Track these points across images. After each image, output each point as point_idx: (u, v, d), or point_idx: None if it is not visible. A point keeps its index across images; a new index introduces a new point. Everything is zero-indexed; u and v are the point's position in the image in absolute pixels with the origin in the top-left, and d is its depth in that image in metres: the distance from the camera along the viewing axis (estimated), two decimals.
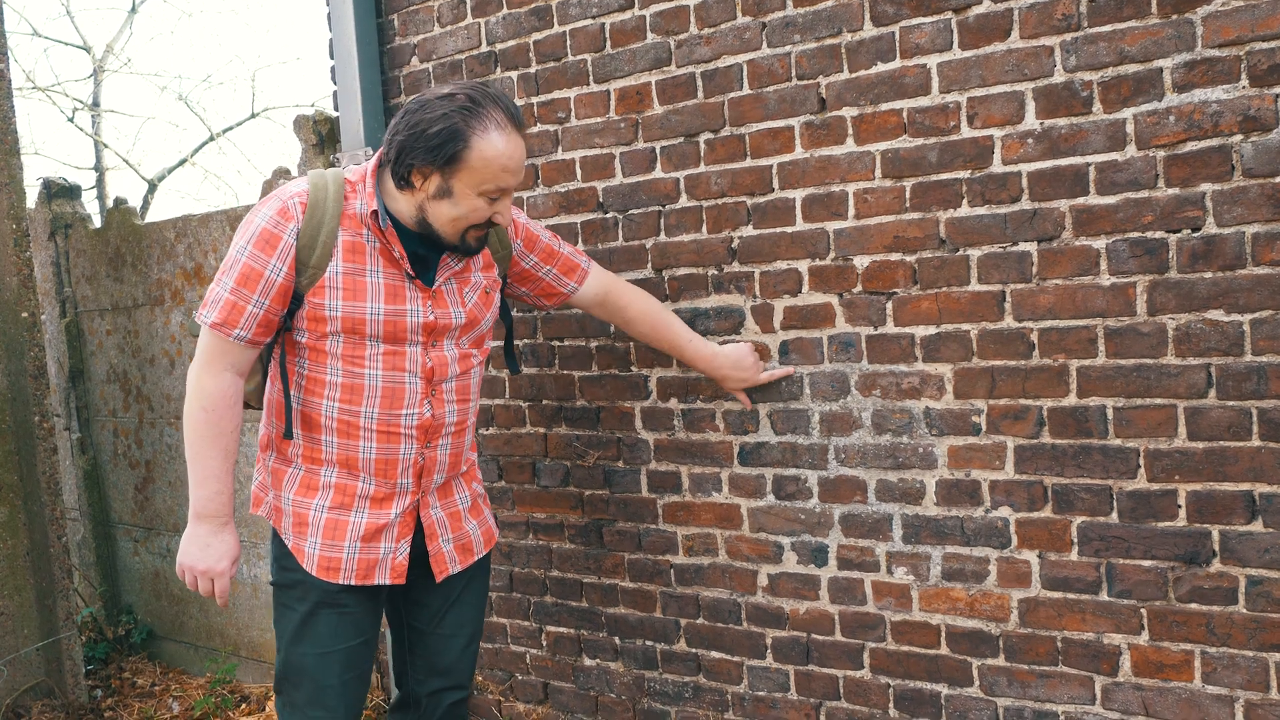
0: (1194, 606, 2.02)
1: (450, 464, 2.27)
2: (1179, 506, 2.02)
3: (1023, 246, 2.13)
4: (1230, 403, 1.96)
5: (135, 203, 12.72)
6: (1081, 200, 2.06)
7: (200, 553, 2.15)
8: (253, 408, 2.31)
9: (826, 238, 2.37)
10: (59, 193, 4.57)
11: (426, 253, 2.15)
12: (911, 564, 2.33)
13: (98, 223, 4.56)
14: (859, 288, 2.34)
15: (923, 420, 2.28)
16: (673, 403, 2.63)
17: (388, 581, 2.21)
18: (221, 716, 3.66)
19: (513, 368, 2.50)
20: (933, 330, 2.25)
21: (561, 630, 2.94)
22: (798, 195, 2.40)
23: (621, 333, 2.68)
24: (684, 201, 2.57)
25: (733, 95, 2.47)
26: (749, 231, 2.48)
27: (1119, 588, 2.09)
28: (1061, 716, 2.18)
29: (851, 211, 2.33)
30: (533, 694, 3.02)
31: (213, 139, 14.14)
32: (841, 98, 2.32)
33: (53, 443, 3.80)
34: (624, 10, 2.62)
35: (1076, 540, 2.13)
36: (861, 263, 2.33)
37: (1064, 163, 2.07)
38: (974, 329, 2.21)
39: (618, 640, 2.83)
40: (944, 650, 2.31)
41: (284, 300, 2.09)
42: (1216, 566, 1.99)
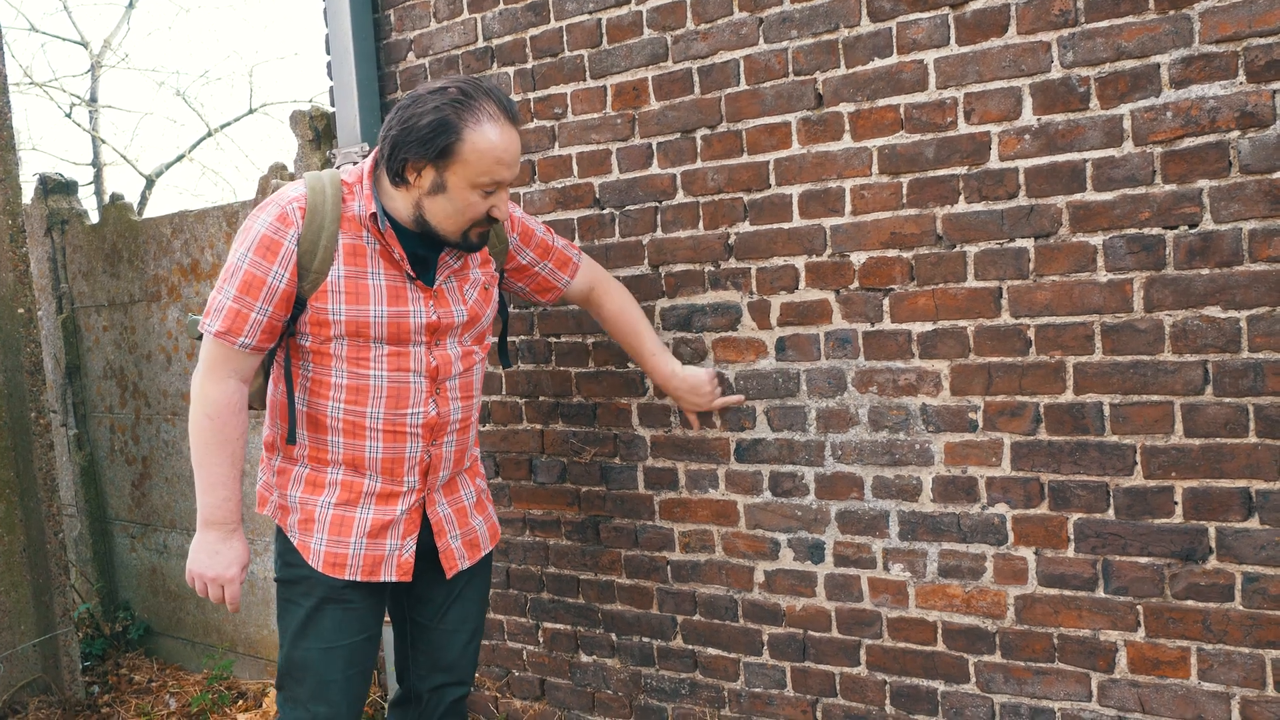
0: (1190, 603, 2.02)
1: (455, 460, 2.28)
2: (1175, 503, 2.02)
3: (1020, 243, 2.13)
4: (1227, 399, 1.95)
5: (133, 199, 12.73)
6: (1079, 196, 2.06)
7: (210, 560, 2.15)
8: (255, 409, 2.31)
9: (823, 234, 2.36)
10: (55, 188, 4.56)
11: (426, 253, 2.15)
12: (908, 561, 2.33)
13: (95, 218, 4.55)
14: (856, 284, 2.33)
15: (919, 417, 2.28)
16: (669, 399, 2.63)
17: (394, 579, 2.20)
18: (218, 713, 3.66)
19: (505, 362, 2.51)
20: (929, 327, 2.25)
21: (558, 626, 2.94)
22: (794, 191, 2.39)
23: None
24: (681, 197, 2.56)
25: (729, 91, 2.46)
26: (746, 228, 2.47)
27: (1115, 585, 2.09)
28: (1058, 713, 2.18)
29: (848, 208, 2.32)
30: (529, 690, 3.02)
31: (211, 135, 14.11)
32: (838, 93, 2.31)
33: (49, 439, 3.80)
34: (621, 6, 2.61)
35: (1073, 537, 2.13)
36: (858, 259, 2.32)
37: (1061, 159, 2.07)
38: (971, 325, 2.20)
39: (614, 637, 2.83)
40: (940, 647, 2.31)
41: (287, 306, 2.09)
42: (1213, 563, 1.99)
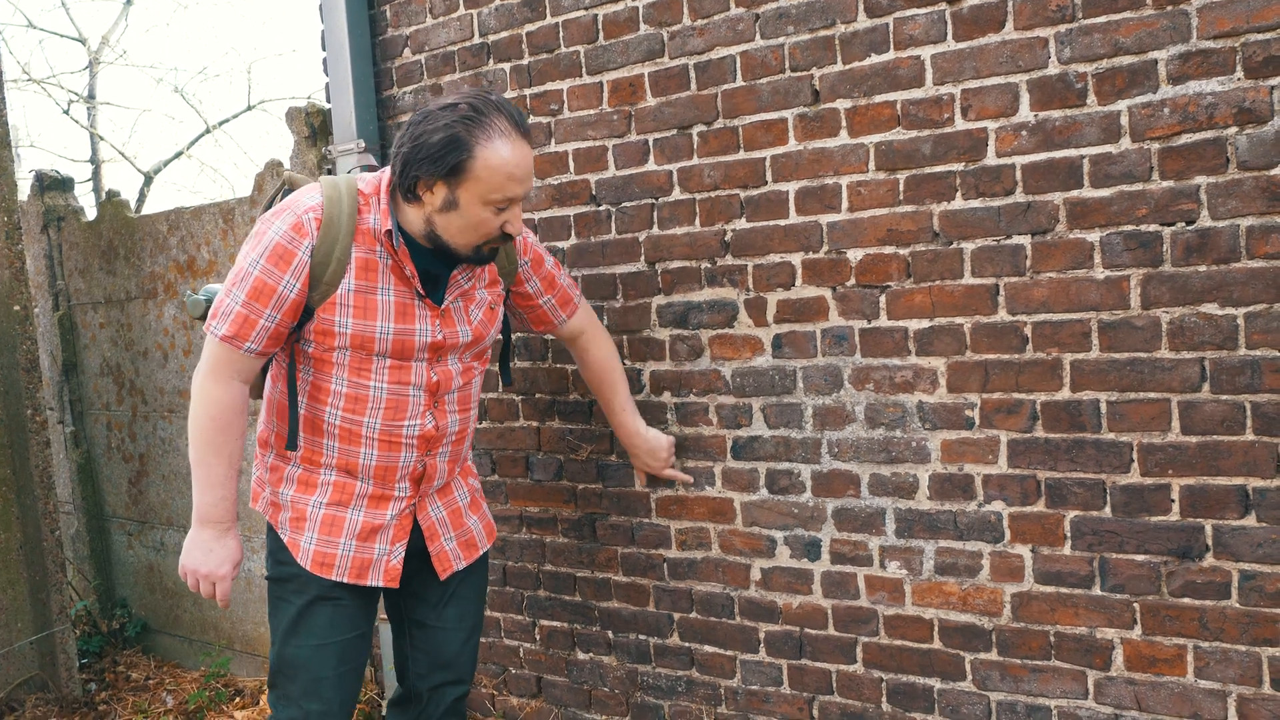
0: (1187, 601, 2.02)
1: (449, 470, 2.30)
2: (1172, 501, 2.01)
3: (1016, 240, 2.12)
4: (1224, 397, 1.95)
5: (132, 196, 12.70)
6: (1075, 193, 2.05)
7: (203, 557, 2.16)
8: (252, 399, 2.31)
9: (820, 231, 2.35)
10: (52, 185, 4.55)
11: (438, 270, 2.15)
12: (904, 558, 2.32)
13: (92, 215, 4.54)
14: (852, 281, 2.33)
15: (916, 414, 2.27)
16: (666, 396, 2.62)
17: (380, 584, 2.21)
18: (216, 710, 3.66)
19: (506, 379, 2.51)
20: (926, 324, 2.24)
21: (555, 624, 2.94)
22: (791, 188, 2.38)
23: (613, 327, 2.67)
24: (677, 194, 2.56)
25: (726, 87, 2.45)
26: (742, 224, 2.46)
27: (1112, 582, 2.09)
28: (1054, 711, 2.17)
29: (845, 204, 2.32)
30: (526, 688, 3.02)
31: (209, 131, 14.10)
32: (835, 90, 2.30)
33: (46, 436, 3.79)
34: (617, 1, 2.60)
35: (1069, 535, 2.12)
36: (855, 256, 2.32)
37: (1058, 155, 2.06)
38: (967, 322, 2.20)
39: (611, 634, 2.82)
40: (937, 645, 2.30)
41: (295, 314, 2.09)
42: (1209, 561, 1.99)
